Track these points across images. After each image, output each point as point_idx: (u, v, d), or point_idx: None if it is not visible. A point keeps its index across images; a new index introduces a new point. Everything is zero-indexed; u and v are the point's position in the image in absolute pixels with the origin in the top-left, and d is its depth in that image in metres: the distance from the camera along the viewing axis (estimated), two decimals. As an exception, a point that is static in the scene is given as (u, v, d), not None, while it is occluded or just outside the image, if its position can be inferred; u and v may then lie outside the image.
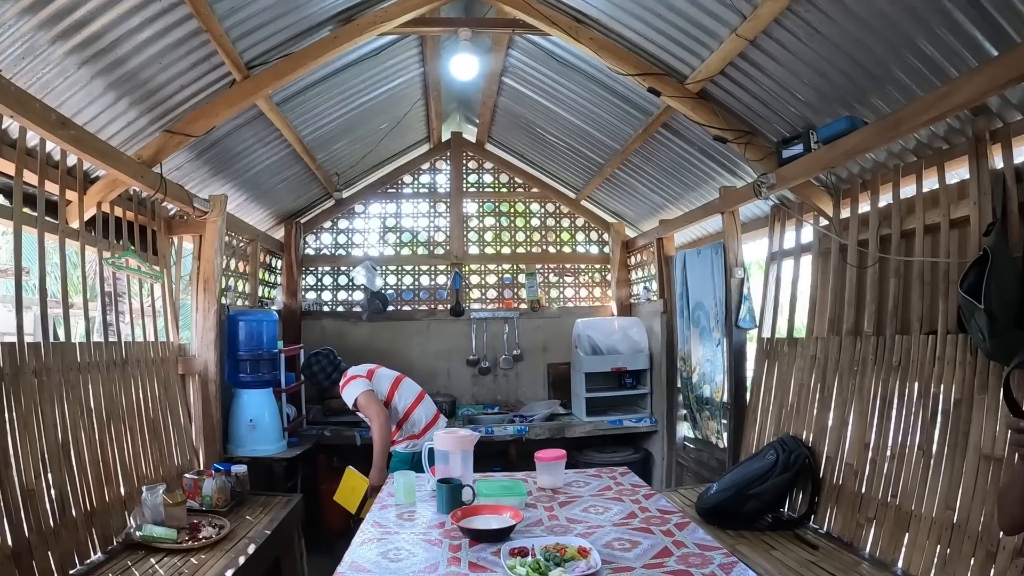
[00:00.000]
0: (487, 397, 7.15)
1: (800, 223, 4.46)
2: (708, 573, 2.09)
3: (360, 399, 4.60)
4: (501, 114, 6.42)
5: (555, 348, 7.20)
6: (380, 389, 4.80)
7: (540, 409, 6.60)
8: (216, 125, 4.07)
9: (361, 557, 2.30)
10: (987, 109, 3.01)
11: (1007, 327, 2.66)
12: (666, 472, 6.22)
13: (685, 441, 6.00)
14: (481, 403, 7.08)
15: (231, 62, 3.79)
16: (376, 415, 4.54)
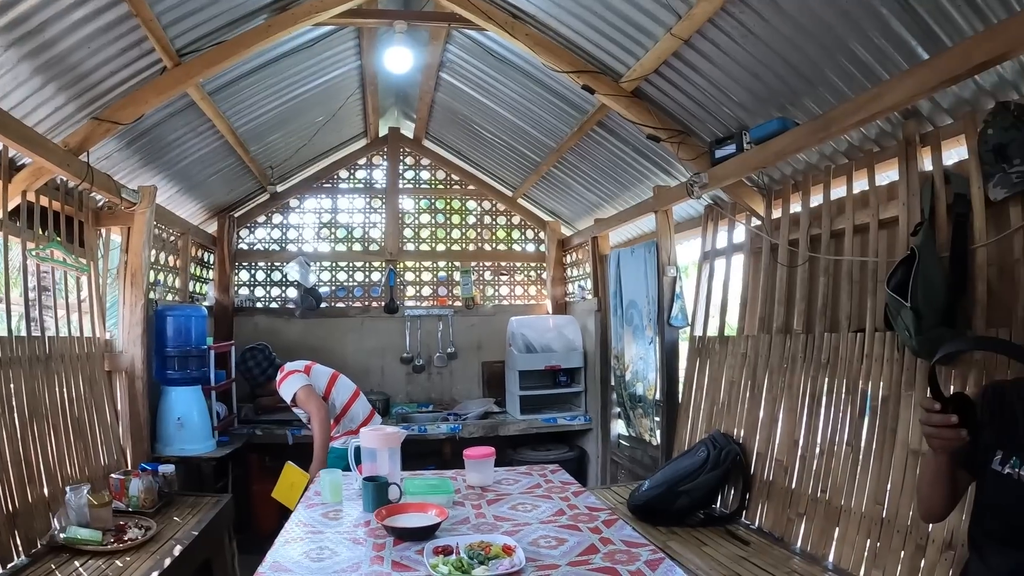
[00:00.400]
0: (421, 395, 7.02)
1: (733, 223, 4.47)
2: (634, 570, 2.04)
3: (299, 394, 4.51)
4: (439, 110, 6.30)
5: (490, 346, 7.12)
6: (318, 385, 4.70)
7: (474, 407, 6.52)
8: (145, 113, 3.90)
9: (283, 557, 2.21)
10: (918, 113, 3.04)
11: (933, 325, 2.68)
12: (601, 470, 6.20)
13: (619, 439, 5.98)
14: (415, 401, 6.95)
15: (162, 48, 3.62)
16: (316, 410, 4.48)
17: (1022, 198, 2.57)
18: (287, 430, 5.71)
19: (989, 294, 2.69)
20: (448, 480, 3.09)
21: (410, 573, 2.06)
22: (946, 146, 2.97)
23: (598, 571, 2.05)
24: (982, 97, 2.77)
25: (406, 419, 6.30)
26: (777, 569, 3.05)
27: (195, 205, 5.98)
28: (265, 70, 4.63)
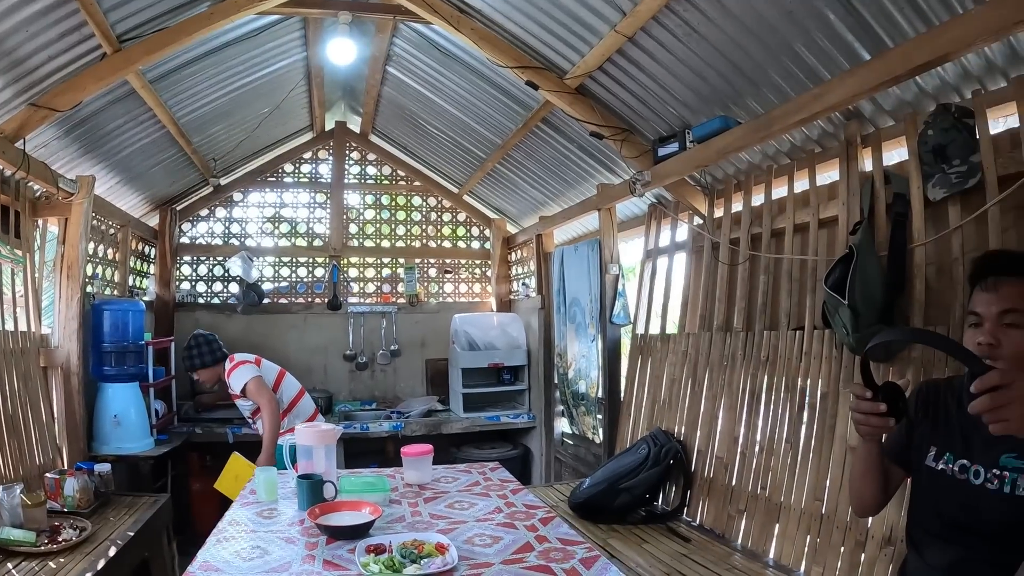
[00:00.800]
0: (364, 393, 6.88)
1: (676, 222, 4.45)
2: (568, 568, 1.99)
3: (251, 384, 4.42)
4: (385, 104, 6.16)
5: (433, 344, 7.00)
6: (267, 379, 4.59)
7: (417, 405, 6.39)
8: (83, 100, 3.72)
9: (213, 557, 2.11)
10: (860, 114, 3.04)
11: (870, 323, 2.68)
12: (545, 468, 6.14)
13: (563, 437, 5.92)
14: (358, 399, 6.80)
15: (101, 34, 3.44)
16: (268, 402, 4.40)
17: (961, 198, 2.58)
18: (227, 428, 5.53)
19: (927, 292, 2.70)
20: (384, 478, 3.00)
21: (341, 572, 2.00)
22: (887, 147, 2.98)
23: (532, 569, 2.00)
24: (924, 100, 2.78)
25: (349, 417, 6.16)
26: (718, 566, 3.02)
27: (136, 197, 5.71)
28: (208, 59, 4.44)
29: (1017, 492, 1.67)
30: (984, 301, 1.75)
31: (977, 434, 1.78)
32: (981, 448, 1.77)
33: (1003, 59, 2.45)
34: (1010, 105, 2.47)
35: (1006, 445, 1.71)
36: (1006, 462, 1.70)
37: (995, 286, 1.74)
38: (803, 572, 2.91)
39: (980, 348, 1.71)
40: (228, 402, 5.54)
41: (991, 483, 1.72)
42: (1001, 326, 1.71)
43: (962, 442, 1.82)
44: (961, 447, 1.81)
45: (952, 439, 1.84)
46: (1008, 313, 1.70)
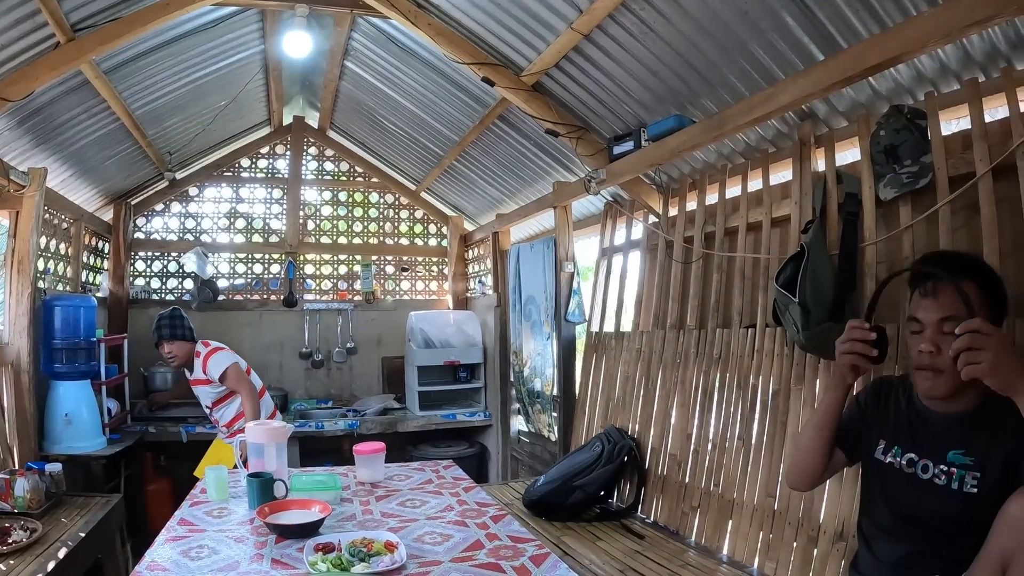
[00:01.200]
0: (320, 391, 6.73)
1: (631, 220, 4.43)
2: (518, 565, 1.96)
3: (231, 370, 4.37)
4: (343, 99, 6.04)
5: (390, 341, 6.89)
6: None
7: (373, 403, 6.28)
8: (36, 90, 3.57)
9: (161, 556, 2.04)
10: (814, 115, 3.04)
11: (820, 320, 2.67)
12: (501, 466, 6.08)
13: (519, 435, 5.86)
14: (314, 397, 6.66)
15: (55, 22, 3.30)
16: (249, 389, 4.39)
17: (912, 198, 2.58)
18: (181, 427, 5.37)
19: (878, 290, 2.70)
20: (336, 476, 2.93)
21: (289, 571, 1.94)
22: (840, 148, 2.98)
23: (481, 567, 1.97)
24: (878, 101, 2.78)
25: (304, 415, 6.04)
26: (672, 562, 2.99)
27: (90, 191, 5.49)
28: (164, 50, 4.29)
29: (964, 489, 1.69)
30: (924, 308, 1.75)
31: (926, 430, 1.81)
32: (929, 443, 1.79)
33: (956, 62, 2.46)
34: (962, 107, 2.47)
35: (953, 441, 1.73)
36: (954, 458, 1.72)
37: (935, 292, 1.74)
38: (756, 568, 2.90)
39: (921, 356, 1.73)
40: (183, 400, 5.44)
41: (939, 479, 1.74)
42: (941, 333, 1.70)
43: (910, 436, 1.84)
44: (909, 441, 1.83)
45: (900, 433, 1.86)
46: (948, 320, 1.69)
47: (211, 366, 4.37)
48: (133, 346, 5.61)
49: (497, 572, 1.93)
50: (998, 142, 2.32)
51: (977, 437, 1.71)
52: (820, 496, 2.68)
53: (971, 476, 1.69)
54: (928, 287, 1.75)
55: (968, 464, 1.70)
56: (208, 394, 4.50)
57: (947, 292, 1.71)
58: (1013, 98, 2.26)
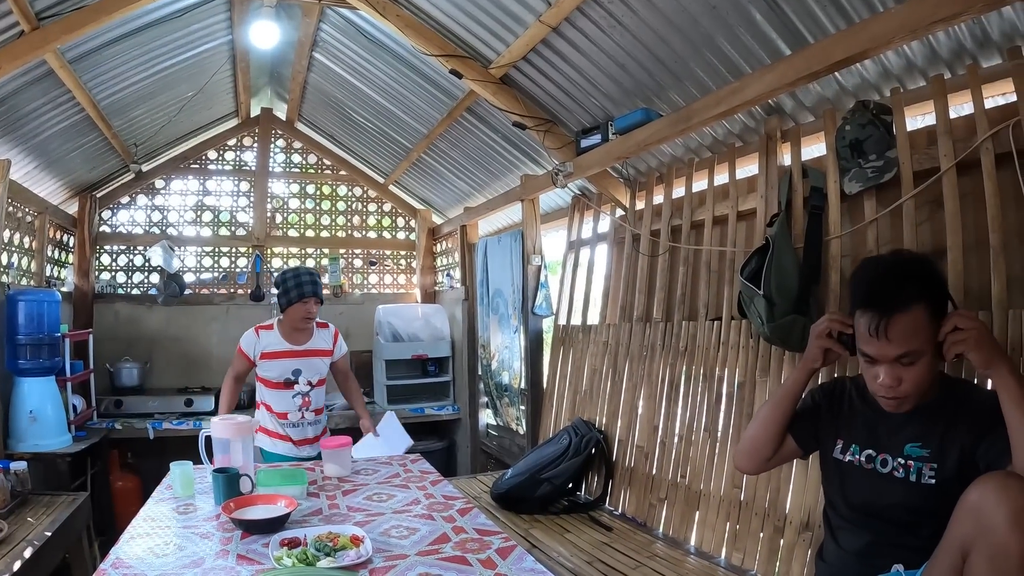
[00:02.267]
0: (288, 386, 6.65)
1: (598, 213, 4.39)
2: (484, 558, 1.92)
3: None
4: (311, 91, 5.89)
5: (357, 335, 6.70)
6: None
7: (341, 398, 6.22)
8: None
9: (126, 553, 1.97)
10: (781, 109, 3.02)
11: (785, 312, 2.65)
12: (470, 459, 6.01)
13: (488, 428, 5.82)
14: (282, 393, 6.58)
15: (19, 10, 3.15)
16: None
17: (876, 192, 2.58)
18: (148, 423, 5.22)
19: (842, 284, 2.69)
20: (302, 471, 2.86)
21: (255, 566, 1.88)
22: (806, 143, 2.97)
23: (447, 560, 1.93)
24: (845, 97, 2.77)
25: (271, 411, 5.94)
26: (640, 554, 2.96)
27: (54, 183, 5.29)
28: (130, 39, 4.12)
29: (923, 480, 1.69)
30: (877, 348, 1.65)
31: (882, 424, 1.80)
32: (886, 437, 1.78)
33: (923, 59, 2.45)
34: (928, 104, 2.47)
35: (909, 433, 1.74)
36: (911, 451, 1.72)
37: (886, 331, 1.62)
38: (724, 559, 2.88)
39: (881, 387, 1.68)
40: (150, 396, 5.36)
41: (897, 471, 1.74)
42: (899, 366, 1.65)
43: (867, 433, 1.83)
44: (866, 438, 1.83)
45: (856, 431, 1.86)
46: (905, 356, 1.63)
47: (343, 342, 3.94)
48: (99, 341, 5.46)
49: (463, 565, 1.89)
50: (963, 138, 2.32)
51: (933, 429, 1.70)
52: (786, 487, 2.68)
53: (928, 468, 1.68)
54: (879, 327, 1.62)
55: (925, 456, 1.70)
56: (322, 370, 3.82)
57: (897, 326, 1.61)
58: (978, 95, 2.26)
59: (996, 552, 1.35)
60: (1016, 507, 1.35)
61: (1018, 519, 1.34)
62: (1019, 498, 1.36)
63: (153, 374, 6.04)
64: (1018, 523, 1.33)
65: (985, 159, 2.22)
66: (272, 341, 3.68)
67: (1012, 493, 1.37)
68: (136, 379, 5.74)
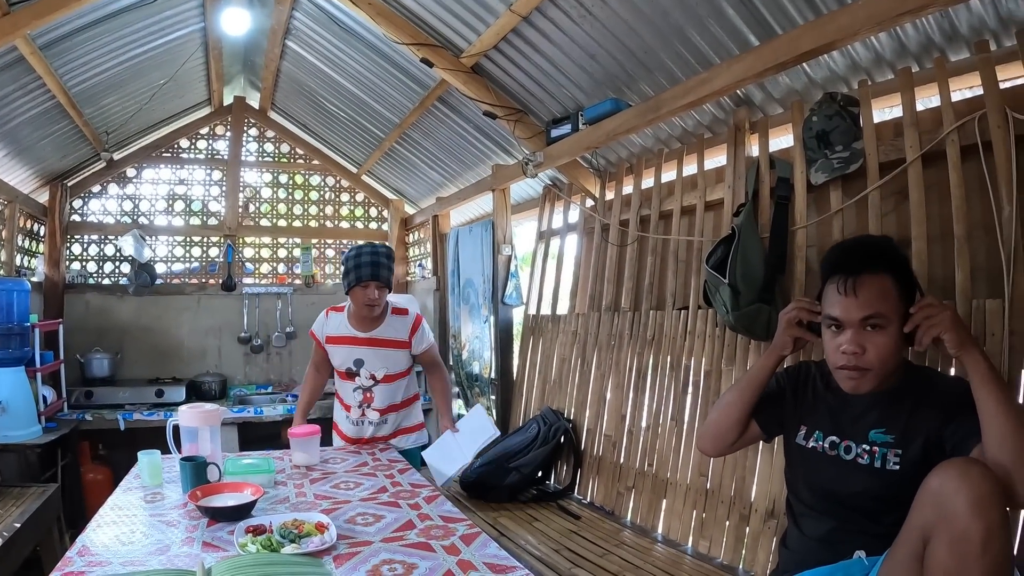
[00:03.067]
0: (260, 376, 6.47)
1: (568, 204, 4.35)
2: (448, 545, 1.89)
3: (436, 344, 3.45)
4: (284, 80, 5.76)
5: (330, 326, 6.74)
6: None
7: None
8: (-32, 66, 3.24)
9: (92, 541, 1.92)
10: (750, 101, 2.99)
11: (750, 301, 2.64)
12: (441, 448, 5.98)
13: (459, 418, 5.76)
14: (254, 383, 6.40)
15: None
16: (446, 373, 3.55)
17: (842, 183, 2.56)
18: (118, 415, 5.09)
19: (807, 273, 2.67)
20: (270, 459, 2.80)
21: (220, 553, 1.84)
22: (775, 134, 2.94)
23: (411, 546, 1.89)
24: (813, 89, 2.74)
25: (243, 401, 5.81)
26: (607, 542, 2.93)
27: (24, 171, 5.12)
28: (102, 25, 3.97)
29: (887, 467, 1.66)
30: (844, 307, 1.65)
31: (846, 411, 1.77)
32: (850, 424, 1.75)
33: (891, 52, 2.43)
34: (895, 96, 2.45)
35: (873, 419, 1.71)
36: (875, 437, 1.69)
37: (855, 289, 1.63)
38: (691, 546, 2.86)
39: (843, 356, 1.65)
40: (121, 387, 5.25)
41: (862, 458, 1.70)
42: (864, 332, 1.63)
43: (830, 420, 1.80)
44: (829, 425, 1.80)
45: (820, 418, 1.82)
46: (871, 319, 1.62)
47: (427, 332, 3.33)
48: (69, 332, 5.31)
49: (427, 551, 1.85)
50: (929, 130, 2.30)
51: (897, 415, 1.68)
52: (751, 475, 2.66)
53: (893, 454, 1.65)
54: (847, 284, 1.64)
55: (889, 442, 1.67)
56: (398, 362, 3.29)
57: (867, 287, 1.63)
58: (945, 88, 2.24)
59: (956, 537, 1.32)
60: (977, 494, 1.33)
61: (979, 505, 1.31)
62: (980, 485, 1.34)
63: (124, 365, 5.91)
64: (978, 509, 1.31)
65: (951, 150, 2.20)
66: (338, 324, 3.28)
67: (973, 480, 1.35)
68: (107, 370, 5.61)
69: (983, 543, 1.30)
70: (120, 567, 1.72)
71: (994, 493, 1.34)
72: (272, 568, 1.64)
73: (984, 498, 1.32)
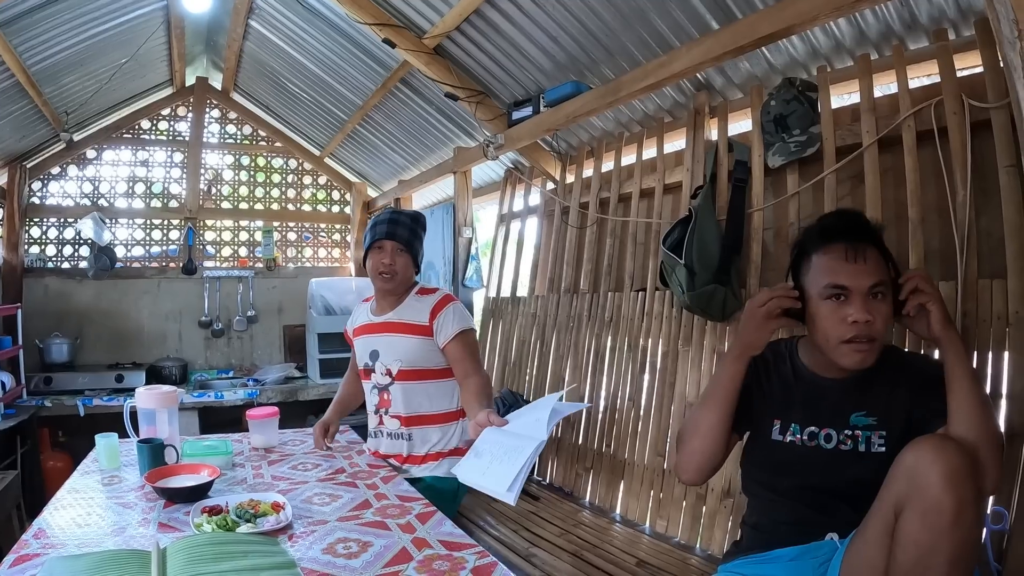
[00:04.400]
0: (221, 361, 6.30)
1: (529, 187, 4.27)
2: (404, 523, 1.84)
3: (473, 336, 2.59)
4: (247, 60, 5.55)
5: (291, 309, 6.50)
6: None
7: (275, 372, 5.97)
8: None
9: (47, 524, 1.87)
10: (710, 86, 2.94)
11: (705, 282, 2.61)
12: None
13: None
14: (215, 367, 6.21)
15: None
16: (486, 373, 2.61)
17: (800, 167, 2.53)
18: (78, 401, 4.92)
19: (764, 255, 2.65)
20: (228, 441, 2.71)
21: (175, 533, 1.79)
22: (734, 119, 2.91)
23: (367, 525, 1.85)
24: (773, 75, 2.70)
25: (204, 386, 5.63)
26: (566, 522, 2.90)
27: None
28: (63, 2, 3.75)
29: (872, 449, 1.58)
30: (853, 274, 1.55)
31: (823, 399, 1.65)
32: (828, 412, 1.64)
33: (851, 40, 2.39)
34: (853, 83, 2.42)
35: (853, 403, 1.61)
36: (857, 421, 1.60)
37: (863, 256, 1.55)
38: (648, 526, 2.84)
39: (855, 326, 1.53)
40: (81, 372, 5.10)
41: (844, 444, 1.60)
42: (871, 300, 1.54)
43: (805, 410, 1.67)
44: (805, 415, 1.66)
45: (794, 409, 1.68)
46: (877, 286, 1.54)
47: (455, 315, 2.50)
48: (28, 317, 5.11)
49: (382, 529, 1.80)
50: (886, 115, 2.27)
51: (877, 396, 1.61)
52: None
53: (877, 436, 1.58)
54: (855, 251, 1.55)
55: (872, 424, 1.59)
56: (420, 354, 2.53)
57: (871, 256, 1.56)
58: (903, 74, 2.22)
59: (929, 509, 1.28)
60: (950, 467, 1.29)
61: (952, 478, 1.28)
62: (953, 459, 1.30)
63: (83, 350, 5.71)
64: (952, 483, 1.28)
65: (907, 136, 2.18)
66: (362, 312, 2.76)
67: (947, 454, 1.31)
68: (66, 355, 5.41)
69: (955, 515, 1.27)
70: (75, 548, 1.67)
71: (967, 468, 1.31)
72: (227, 547, 1.59)
73: (957, 471, 1.29)
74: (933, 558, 1.27)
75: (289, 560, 1.56)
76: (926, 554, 1.28)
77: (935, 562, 1.27)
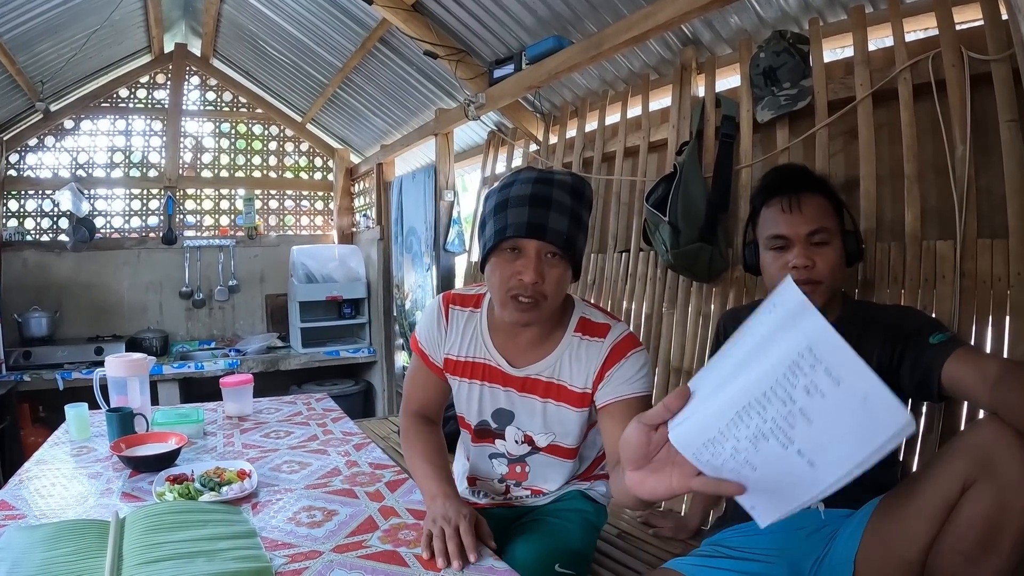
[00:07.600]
0: (202, 332, 6.19)
1: (513, 148, 4.13)
2: (373, 491, 1.80)
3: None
4: (226, 25, 5.35)
5: (273, 278, 6.39)
6: None
7: (257, 342, 5.86)
8: None
9: (11, 496, 1.82)
10: (698, 41, 2.80)
11: (690, 240, 2.51)
12: (387, 402, 5.78)
13: (404, 370, 5.63)
14: (196, 338, 6.11)
15: None
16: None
17: (789, 121, 2.41)
18: (56, 375, 4.84)
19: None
20: (200, 410, 2.62)
21: (138, 503, 1.74)
22: (722, 74, 2.76)
23: (334, 492, 1.80)
24: (763, 29, 2.55)
25: (185, 357, 5.57)
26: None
27: None
28: None
29: None
30: (790, 223, 1.67)
31: None
32: None
33: (845, -7, 2.26)
34: (846, 36, 2.29)
35: None
36: None
37: (799, 205, 1.66)
38: (630, 493, 2.76)
39: (796, 272, 1.60)
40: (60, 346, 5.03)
41: None
42: (811, 246, 1.65)
43: None
44: None
45: None
46: (816, 233, 1.65)
47: (636, 370, 1.57)
48: (7, 291, 5.03)
49: (349, 497, 1.75)
50: (880, 68, 2.15)
51: None
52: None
53: None
54: (791, 201, 1.67)
55: None
56: (572, 425, 1.68)
57: (810, 204, 1.67)
58: (898, 26, 2.08)
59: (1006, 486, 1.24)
60: None
61: None
62: None
63: (63, 323, 5.60)
64: None
65: (902, 89, 2.05)
66: (467, 335, 1.76)
67: None
68: (45, 329, 5.31)
69: None
70: (35, 519, 1.62)
71: None
72: (186, 516, 1.54)
73: None
74: (1000, 537, 1.25)
75: (249, 529, 1.51)
76: (994, 530, 1.25)
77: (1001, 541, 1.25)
